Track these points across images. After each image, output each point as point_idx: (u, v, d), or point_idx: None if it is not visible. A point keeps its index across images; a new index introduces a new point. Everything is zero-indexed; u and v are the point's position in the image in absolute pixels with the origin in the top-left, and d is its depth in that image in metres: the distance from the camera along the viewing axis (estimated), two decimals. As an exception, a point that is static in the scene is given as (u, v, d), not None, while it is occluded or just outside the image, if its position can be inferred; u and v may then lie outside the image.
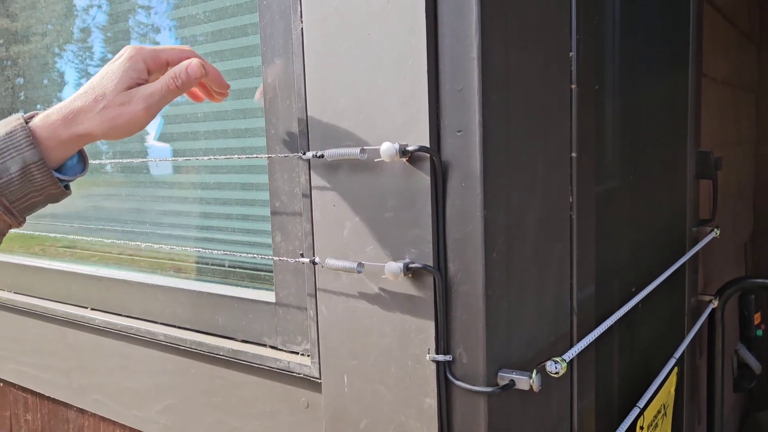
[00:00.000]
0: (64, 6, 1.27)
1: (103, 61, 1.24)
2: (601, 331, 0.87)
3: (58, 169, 0.68)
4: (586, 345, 0.82)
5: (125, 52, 0.69)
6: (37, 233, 1.38)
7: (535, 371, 0.71)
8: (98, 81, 0.67)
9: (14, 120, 0.65)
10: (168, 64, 0.71)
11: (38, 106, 1.39)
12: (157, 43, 1.12)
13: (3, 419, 1.45)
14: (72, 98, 0.67)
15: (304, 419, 0.88)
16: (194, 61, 0.70)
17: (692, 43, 1.45)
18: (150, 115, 0.68)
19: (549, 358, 0.75)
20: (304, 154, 0.78)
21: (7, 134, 0.63)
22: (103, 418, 1.20)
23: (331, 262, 0.77)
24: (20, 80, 1.39)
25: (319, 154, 0.75)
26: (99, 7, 1.22)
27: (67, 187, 0.69)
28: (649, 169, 1.25)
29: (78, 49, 1.29)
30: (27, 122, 0.65)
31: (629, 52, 1.11)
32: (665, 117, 1.36)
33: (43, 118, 0.66)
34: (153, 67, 0.70)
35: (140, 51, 0.69)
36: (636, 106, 1.16)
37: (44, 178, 0.64)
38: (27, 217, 0.68)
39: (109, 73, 0.68)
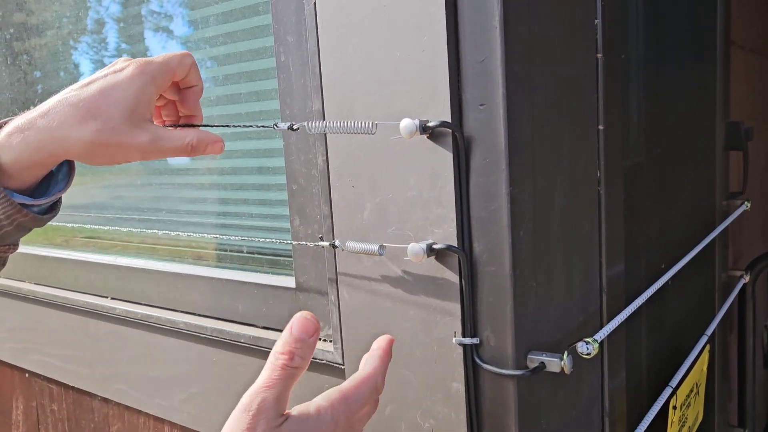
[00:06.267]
0: (74, -7, 1.25)
1: (119, 51, 1.22)
2: (633, 310, 0.84)
3: (44, 187, 0.58)
4: (617, 324, 0.79)
5: (129, 66, 0.56)
6: (54, 223, 1.37)
7: (566, 353, 0.68)
8: (95, 95, 0.54)
9: None
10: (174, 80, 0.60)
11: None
12: (171, 32, 1.10)
13: (29, 409, 1.46)
14: (50, 107, 0.54)
15: (329, 406, 0.86)
16: (220, 144, 0.60)
17: (720, 10, 1.40)
18: (144, 159, 0.58)
19: (579, 339, 0.73)
20: (277, 126, 0.67)
21: None
22: (127, 408, 1.20)
23: (352, 245, 0.75)
24: (37, 73, 1.38)
25: (295, 126, 0.66)
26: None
27: (52, 208, 0.58)
28: (677, 141, 1.20)
29: (93, 41, 1.27)
30: None
31: (654, 19, 1.06)
32: (693, 87, 1.31)
33: (8, 134, 0.53)
34: (162, 88, 0.59)
35: (147, 67, 0.56)
36: (662, 76, 1.12)
37: (5, 207, 0.53)
38: None
39: (109, 88, 0.54)
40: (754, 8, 1.92)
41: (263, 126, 0.68)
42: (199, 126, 0.64)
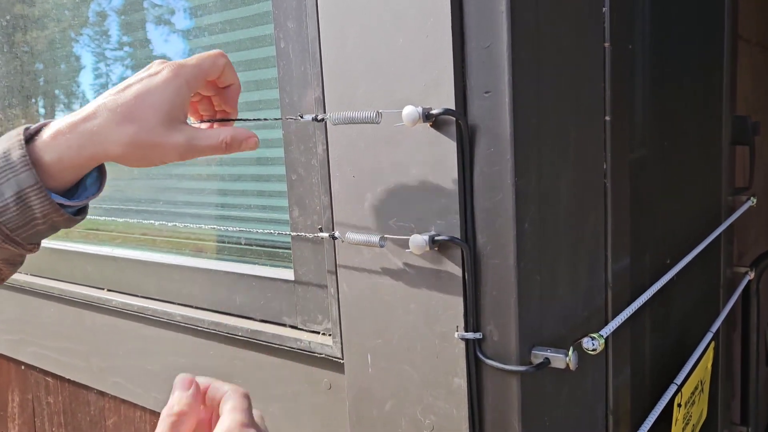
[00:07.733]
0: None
1: (120, 44, 1.21)
2: (639, 305, 0.82)
3: (73, 191, 0.59)
4: (623, 320, 0.78)
5: (163, 69, 0.58)
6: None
7: (571, 348, 0.66)
8: (131, 99, 0.56)
9: (14, 136, 0.55)
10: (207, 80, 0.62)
11: (56, 92, 1.36)
12: (171, 24, 1.08)
13: (25, 402, 1.44)
14: (91, 112, 0.56)
15: (327, 401, 0.85)
16: (254, 139, 0.61)
17: (727, 3, 1.37)
18: (180, 160, 0.59)
19: (584, 334, 0.71)
20: (302, 117, 0.68)
21: (3, 153, 0.54)
22: (124, 401, 1.18)
23: (352, 236, 0.73)
24: (39, 66, 1.36)
25: (320, 117, 0.66)
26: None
27: (82, 210, 0.59)
28: (682, 135, 1.18)
29: (94, 33, 1.25)
30: (30, 138, 0.55)
31: (661, 10, 1.04)
32: (699, 80, 1.29)
33: (52, 136, 0.55)
34: (196, 89, 0.61)
35: (181, 70, 0.58)
36: (668, 69, 1.10)
37: (44, 205, 0.54)
38: None
39: (144, 93, 0.57)
40: (761, 2, 1.90)
41: (289, 118, 0.69)
42: (230, 121, 0.65)
